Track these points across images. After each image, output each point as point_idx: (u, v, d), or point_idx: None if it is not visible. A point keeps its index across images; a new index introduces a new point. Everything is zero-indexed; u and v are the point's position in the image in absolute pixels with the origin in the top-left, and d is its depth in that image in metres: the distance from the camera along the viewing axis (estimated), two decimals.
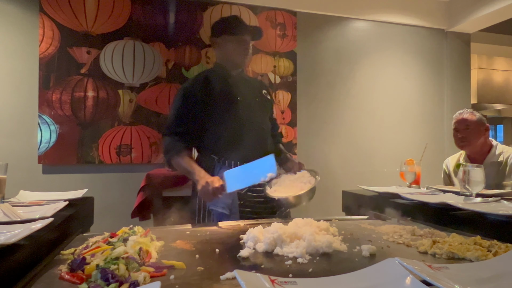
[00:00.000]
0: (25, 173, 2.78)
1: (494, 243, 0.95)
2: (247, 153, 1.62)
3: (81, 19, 2.95)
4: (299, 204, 1.46)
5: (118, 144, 3.01)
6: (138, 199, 2.56)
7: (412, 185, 1.95)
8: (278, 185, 1.57)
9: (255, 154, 1.65)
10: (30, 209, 1.14)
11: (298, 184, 1.53)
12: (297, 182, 1.56)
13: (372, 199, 1.66)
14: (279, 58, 3.45)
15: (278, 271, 0.80)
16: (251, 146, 1.64)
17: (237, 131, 1.63)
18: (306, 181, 1.55)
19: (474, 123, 2.26)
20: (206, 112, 1.64)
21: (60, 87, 2.89)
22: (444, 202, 1.32)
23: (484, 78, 5.04)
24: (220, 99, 1.65)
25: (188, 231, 1.22)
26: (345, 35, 3.69)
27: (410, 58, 3.90)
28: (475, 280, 0.68)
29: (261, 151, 1.68)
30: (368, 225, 1.32)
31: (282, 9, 3.47)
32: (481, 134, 2.25)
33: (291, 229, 1.01)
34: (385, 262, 0.73)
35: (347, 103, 3.68)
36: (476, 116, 2.27)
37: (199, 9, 3.23)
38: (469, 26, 3.91)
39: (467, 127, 2.26)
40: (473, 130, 2.25)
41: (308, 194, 1.45)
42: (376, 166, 3.63)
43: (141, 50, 3.07)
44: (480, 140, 2.26)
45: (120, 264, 0.72)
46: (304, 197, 1.45)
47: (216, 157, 1.65)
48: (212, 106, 1.64)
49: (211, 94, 1.65)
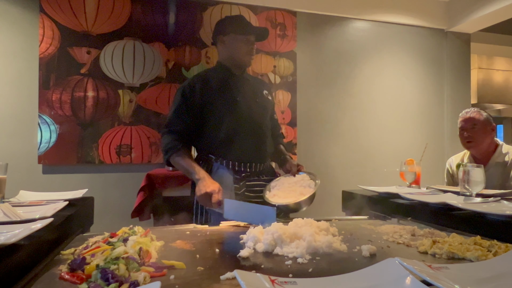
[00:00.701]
0: (25, 173, 2.79)
1: (494, 243, 0.95)
2: (244, 153, 1.62)
3: (81, 19, 2.95)
4: (299, 209, 1.46)
5: (118, 144, 3.01)
6: (138, 199, 2.56)
7: (412, 185, 1.95)
8: (277, 188, 1.57)
9: (253, 155, 1.66)
10: (30, 209, 1.14)
11: (297, 188, 1.52)
12: (296, 186, 1.55)
13: (372, 199, 1.66)
14: (279, 58, 3.45)
15: (278, 271, 0.80)
16: (248, 146, 1.64)
17: (235, 131, 1.63)
18: (305, 184, 1.54)
19: (481, 123, 2.19)
20: (204, 111, 1.64)
21: (60, 87, 2.89)
22: (444, 202, 1.32)
23: (484, 78, 5.04)
24: (219, 99, 1.65)
25: (188, 231, 1.21)
26: (345, 35, 3.69)
27: (410, 58, 3.90)
28: (475, 280, 0.68)
29: (259, 152, 1.69)
30: (368, 225, 1.32)
31: (282, 9, 3.47)
32: (488, 134, 2.20)
33: (291, 229, 1.01)
34: (385, 262, 0.73)
35: (347, 103, 3.68)
36: (483, 115, 2.21)
37: (199, 9, 3.23)
38: (469, 26, 3.91)
39: (474, 127, 2.19)
40: (480, 130, 2.19)
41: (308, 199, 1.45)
42: (376, 166, 3.63)
43: (141, 50, 3.07)
44: (486, 140, 2.21)
45: (120, 264, 0.72)
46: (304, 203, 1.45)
47: (214, 156, 1.65)
48: (210, 105, 1.64)
49: (209, 93, 1.65)
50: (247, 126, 1.66)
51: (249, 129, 1.66)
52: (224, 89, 1.68)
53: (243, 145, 1.62)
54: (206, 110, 1.64)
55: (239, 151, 1.61)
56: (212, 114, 1.64)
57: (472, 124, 2.21)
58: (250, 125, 1.67)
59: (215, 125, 1.64)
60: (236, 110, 1.65)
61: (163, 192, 2.59)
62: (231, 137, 1.62)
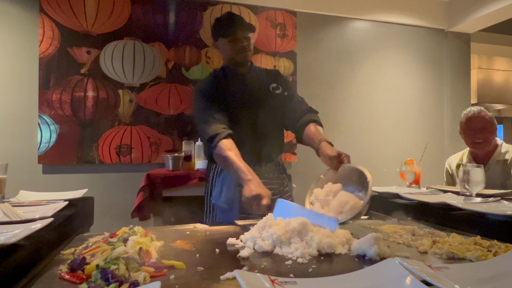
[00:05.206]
0: (25, 173, 2.78)
1: (494, 243, 0.95)
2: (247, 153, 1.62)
3: (81, 19, 2.95)
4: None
5: (118, 144, 3.01)
6: (138, 199, 2.56)
7: (412, 185, 1.95)
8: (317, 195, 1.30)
9: (256, 154, 1.65)
10: (30, 209, 1.14)
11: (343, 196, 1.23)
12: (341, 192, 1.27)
13: (372, 199, 1.66)
14: (279, 58, 3.45)
15: (278, 271, 0.80)
16: (251, 146, 1.63)
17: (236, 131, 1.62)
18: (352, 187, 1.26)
19: (489, 123, 2.18)
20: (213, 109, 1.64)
21: (60, 87, 2.89)
22: (444, 202, 1.32)
23: (484, 78, 5.03)
24: (222, 98, 1.66)
25: (188, 231, 1.21)
26: (345, 35, 3.69)
27: (410, 58, 3.90)
28: (475, 280, 0.68)
29: (263, 151, 1.68)
30: (368, 225, 1.32)
31: (282, 9, 3.47)
32: (495, 134, 2.19)
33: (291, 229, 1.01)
34: (385, 262, 0.73)
35: (347, 103, 3.68)
36: (489, 115, 2.19)
37: (199, 9, 3.23)
38: (469, 26, 3.91)
39: (484, 127, 2.16)
40: (489, 130, 2.17)
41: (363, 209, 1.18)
42: (376, 166, 3.61)
43: (141, 50, 3.07)
44: (494, 140, 2.20)
45: (120, 264, 0.72)
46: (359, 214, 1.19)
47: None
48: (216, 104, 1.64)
49: (215, 93, 1.66)
50: (249, 126, 1.65)
51: (251, 128, 1.65)
52: (226, 89, 1.69)
53: (245, 145, 1.61)
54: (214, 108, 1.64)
55: (241, 151, 1.61)
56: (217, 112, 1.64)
57: (482, 124, 2.17)
58: (253, 124, 1.66)
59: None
60: (237, 110, 1.65)
61: (163, 192, 2.58)
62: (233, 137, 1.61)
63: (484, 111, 2.22)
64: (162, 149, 3.10)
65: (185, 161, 2.91)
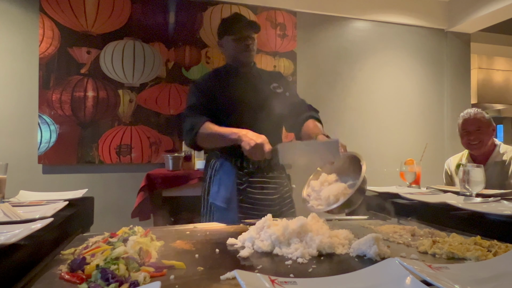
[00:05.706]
0: (25, 173, 2.79)
1: (494, 243, 0.95)
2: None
3: (81, 19, 2.95)
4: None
5: (118, 144, 3.01)
6: (138, 199, 2.56)
7: (412, 185, 1.95)
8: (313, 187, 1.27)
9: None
10: (30, 209, 1.14)
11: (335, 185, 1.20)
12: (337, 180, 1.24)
13: (372, 199, 1.66)
14: (279, 58, 3.45)
15: (278, 271, 0.80)
16: None
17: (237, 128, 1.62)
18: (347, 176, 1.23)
19: (485, 124, 2.19)
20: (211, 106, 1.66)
21: (60, 87, 2.89)
22: (444, 202, 1.32)
23: (484, 78, 5.04)
24: (222, 96, 1.67)
25: (188, 231, 1.21)
26: (345, 35, 3.69)
27: (410, 58, 3.90)
28: (475, 280, 0.68)
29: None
30: (368, 225, 1.32)
31: (282, 9, 3.47)
32: (491, 135, 2.20)
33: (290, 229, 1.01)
34: (385, 262, 0.73)
35: (347, 103, 3.68)
36: (486, 117, 2.21)
37: (199, 9, 3.23)
38: (469, 26, 3.91)
39: (479, 129, 2.18)
40: (484, 132, 2.18)
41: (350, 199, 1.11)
42: (376, 166, 3.62)
43: (141, 50, 3.07)
44: (489, 141, 2.21)
45: (120, 264, 0.72)
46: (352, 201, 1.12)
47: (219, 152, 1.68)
48: (215, 101, 1.66)
49: (215, 90, 1.68)
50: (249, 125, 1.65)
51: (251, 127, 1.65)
52: (227, 87, 1.70)
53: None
54: (212, 105, 1.65)
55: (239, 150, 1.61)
56: (217, 110, 1.65)
57: (477, 126, 2.19)
58: (253, 123, 1.65)
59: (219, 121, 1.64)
60: (238, 107, 1.66)
61: (163, 192, 2.58)
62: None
63: (481, 113, 2.23)
64: (162, 149, 3.10)
65: (185, 161, 2.91)
